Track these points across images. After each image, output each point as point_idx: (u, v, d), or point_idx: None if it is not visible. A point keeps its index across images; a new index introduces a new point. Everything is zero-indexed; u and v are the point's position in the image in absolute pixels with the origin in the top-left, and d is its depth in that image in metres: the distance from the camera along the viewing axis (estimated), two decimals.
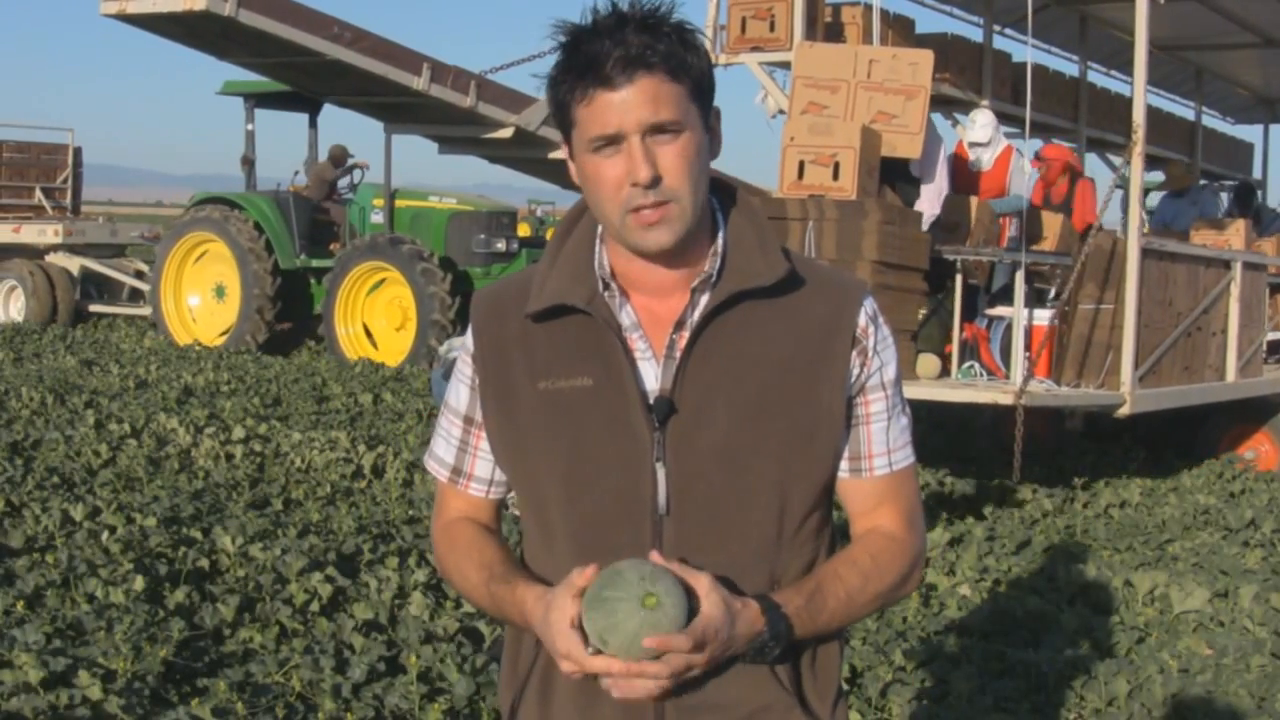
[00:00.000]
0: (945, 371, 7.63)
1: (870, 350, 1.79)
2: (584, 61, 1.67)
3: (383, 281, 13.70)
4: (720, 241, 1.79)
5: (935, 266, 7.44)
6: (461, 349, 1.89)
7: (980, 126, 8.64)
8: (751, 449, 1.74)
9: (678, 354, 1.76)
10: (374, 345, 13.87)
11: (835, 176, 7.20)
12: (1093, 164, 13.34)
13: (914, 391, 7.23)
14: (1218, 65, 13.31)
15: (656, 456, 1.74)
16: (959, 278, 7.61)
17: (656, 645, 1.61)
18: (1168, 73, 12.93)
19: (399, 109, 13.23)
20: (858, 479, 1.83)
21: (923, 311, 7.56)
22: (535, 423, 1.79)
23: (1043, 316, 7.60)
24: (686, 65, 1.69)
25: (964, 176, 8.60)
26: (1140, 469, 9.18)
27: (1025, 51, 11.02)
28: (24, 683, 3.95)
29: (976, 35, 10.57)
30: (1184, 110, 14.44)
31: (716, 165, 1.81)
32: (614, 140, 1.68)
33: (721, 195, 1.83)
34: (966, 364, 7.66)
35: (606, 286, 1.79)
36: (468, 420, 1.88)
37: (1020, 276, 7.47)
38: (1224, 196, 14.29)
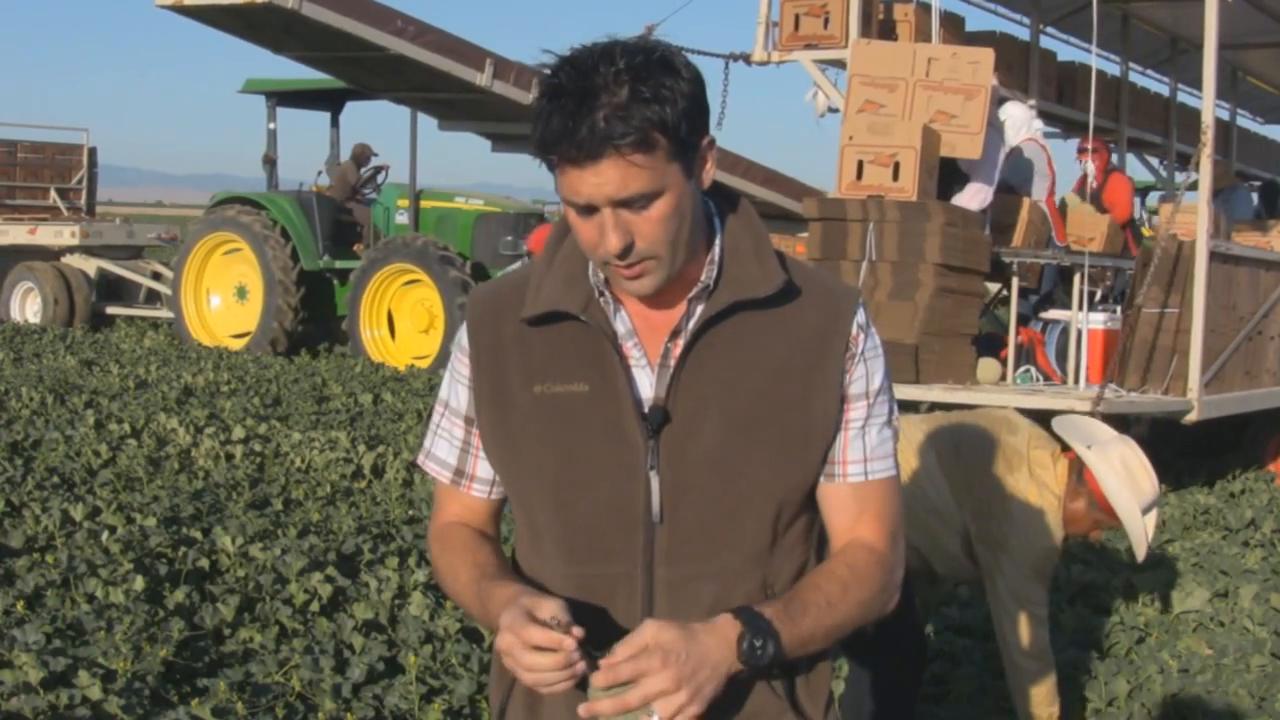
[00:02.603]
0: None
1: (858, 357, 1.79)
2: (552, 136, 1.63)
3: (415, 281, 13.56)
4: (717, 249, 1.78)
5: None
6: (457, 348, 1.88)
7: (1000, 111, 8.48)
8: (745, 457, 1.74)
9: (672, 362, 1.75)
10: (393, 337, 13.72)
11: (895, 177, 7.09)
12: (1131, 164, 13.35)
13: (976, 397, 7.04)
14: (1252, 64, 13.24)
15: (650, 465, 1.73)
16: (1014, 280, 7.52)
17: (592, 706, 1.63)
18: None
19: (455, 105, 12.97)
20: (831, 483, 1.81)
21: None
22: (529, 427, 1.78)
23: (1096, 320, 7.49)
24: (664, 127, 1.62)
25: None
26: None
27: (1070, 51, 11.06)
28: (24, 683, 3.95)
29: (1022, 34, 10.56)
30: (1218, 110, 14.44)
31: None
32: (587, 209, 1.67)
33: (720, 201, 1.81)
34: (1023, 368, 7.55)
35: (601, 294, 1.78)
36: (468, 420, 1.86)
37: (1080, 280, 7.35)
38: (1252, 196, 14.27)
